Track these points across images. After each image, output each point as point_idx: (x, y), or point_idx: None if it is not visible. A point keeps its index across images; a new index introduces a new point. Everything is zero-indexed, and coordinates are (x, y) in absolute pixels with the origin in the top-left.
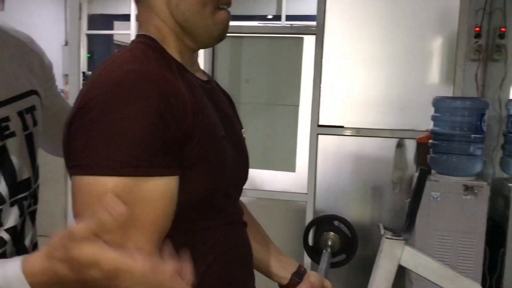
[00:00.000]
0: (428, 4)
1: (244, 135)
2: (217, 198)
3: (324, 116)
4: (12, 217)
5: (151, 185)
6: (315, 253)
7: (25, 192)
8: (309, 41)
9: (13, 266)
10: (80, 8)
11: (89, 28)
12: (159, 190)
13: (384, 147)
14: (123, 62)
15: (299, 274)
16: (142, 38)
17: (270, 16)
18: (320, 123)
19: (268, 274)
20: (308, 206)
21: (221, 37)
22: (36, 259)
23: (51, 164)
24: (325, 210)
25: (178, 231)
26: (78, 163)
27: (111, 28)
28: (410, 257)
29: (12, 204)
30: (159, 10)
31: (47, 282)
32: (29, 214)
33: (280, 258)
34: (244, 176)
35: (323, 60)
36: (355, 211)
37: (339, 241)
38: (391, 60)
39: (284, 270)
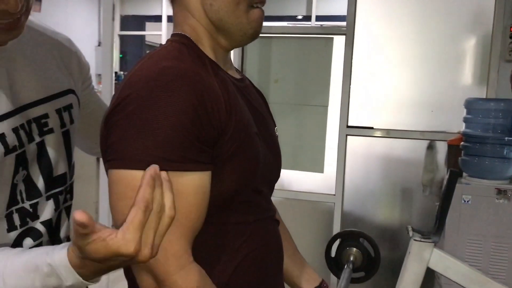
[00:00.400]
0: (462, 3)
1: (277, 133)
2: (248, 193)
3: (354, 117)
4: (47, 210)
5: (185, 180)
6: (335, 265)
7: (60, 187)
8: (339, 42)
9: (59, 254)
10: (113, 10)
11: (122, 29)
12: (192, 185)
13: (414, 149)
14: (159, 59)
15: None
16: (177, 37)
17: (300, 17)
18: (349, 124)
19: (291, 283)
20: (336, 207)
21: (254, 35)
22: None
23: (83, 161)
24: (353, 212)
25: (210, 225)
26: (115, 157)
27: (143, 29)
28: (439, 260)
29: (48, 198)
30: (194, 10)
31: (90, 269)
32: (64, 209)
33: (306, 270)
34: (276, 173)
35: (353, 60)
36: (383, 213)
37: (361, 258)
38: (422, 61)
39: (307, 283)
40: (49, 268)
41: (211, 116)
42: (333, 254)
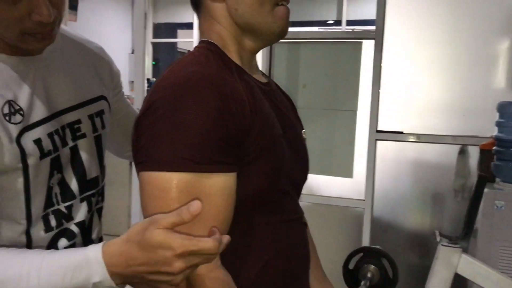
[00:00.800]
0: (494, 5)
1: (304, 135)
2: (275, 194)
3: (383, 121)
4: (81, 212)
5: (212, 181)
6: (351, 278)
7: (93, 190)
8: (368, 46)
9: (94, 247)
10: (146, 18)
11: (154, 36)
12: (219, 186)
13: (446, 153)
14: (186, 65)
15: None
16: (204, 44)
17: (330, 21)
18: (379, 128)
19: None
20: (366, 212)
21: (282, 32)
22: (115, 243)
23: (116, 165)
24: (383, 217)
25: (236, 226)
26: (145, 160)
27: (175, 36)
28: (468, 266)
29: (81, 200)
30: (219, 17)
31: (122, 264)
32: (96, 211)
33: (325, 287)
34: (303, 175)
35: (382, 64)
36: (414, 218)
37: (378, 276)
38: (453, 64)
39: None
40: (81, 260)
41: (236, 118)
42: (351, 266)
